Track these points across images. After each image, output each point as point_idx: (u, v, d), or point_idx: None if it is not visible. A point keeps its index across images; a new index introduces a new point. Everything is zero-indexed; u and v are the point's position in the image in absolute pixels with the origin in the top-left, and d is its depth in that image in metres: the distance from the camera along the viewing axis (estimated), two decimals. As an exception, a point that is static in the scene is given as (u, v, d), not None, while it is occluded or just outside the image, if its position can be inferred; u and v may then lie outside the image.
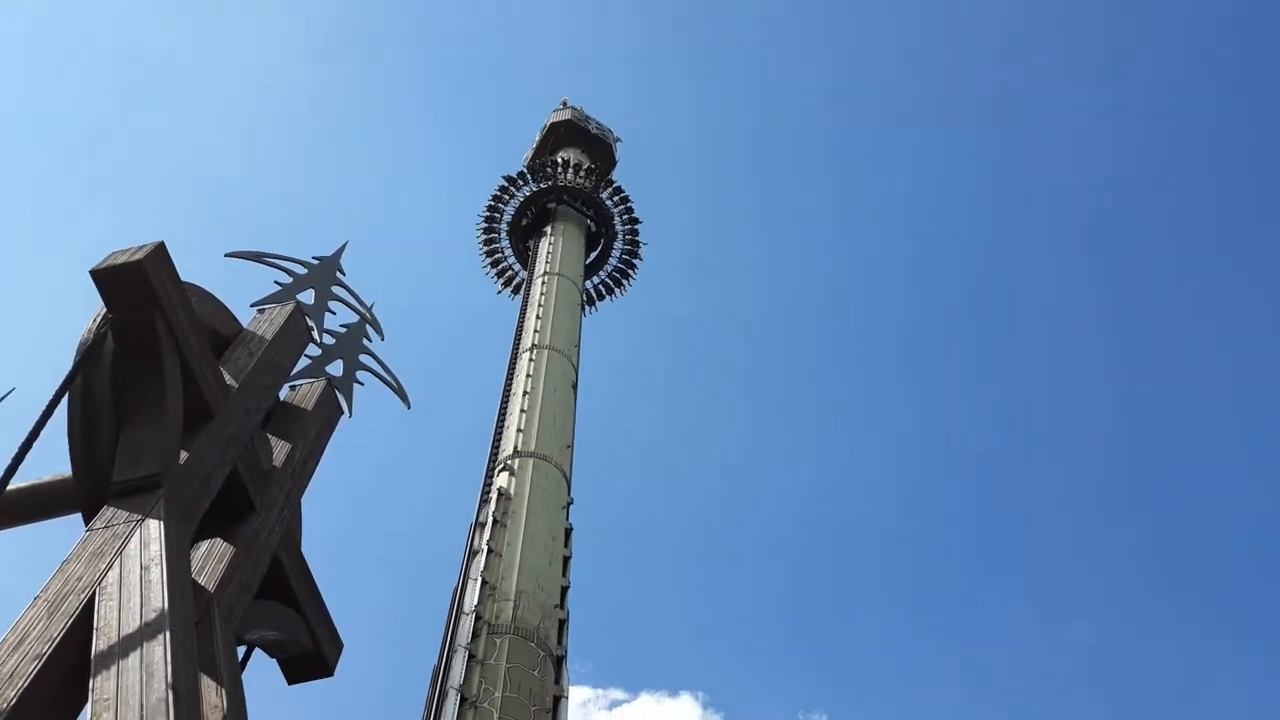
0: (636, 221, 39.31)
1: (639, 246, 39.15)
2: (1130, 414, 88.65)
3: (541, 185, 37.71)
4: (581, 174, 38.16)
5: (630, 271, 39.08)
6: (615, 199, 38.87)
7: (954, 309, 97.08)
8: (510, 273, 38.57)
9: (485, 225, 38.67)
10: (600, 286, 38.66)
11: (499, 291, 38.71)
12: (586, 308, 35.02)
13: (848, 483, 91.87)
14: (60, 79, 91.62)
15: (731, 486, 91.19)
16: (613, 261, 38.82)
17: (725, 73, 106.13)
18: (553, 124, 42.86)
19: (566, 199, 37.30)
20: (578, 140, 42.07)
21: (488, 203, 38.59)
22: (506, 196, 38.24)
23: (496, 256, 38.64)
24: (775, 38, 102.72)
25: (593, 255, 38.10)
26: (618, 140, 43.39)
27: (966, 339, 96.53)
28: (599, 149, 42.01)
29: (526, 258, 37.13)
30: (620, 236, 38.80)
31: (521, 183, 38.38)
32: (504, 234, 38.48)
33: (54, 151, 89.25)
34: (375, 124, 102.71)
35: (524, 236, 38.09)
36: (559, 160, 38.94)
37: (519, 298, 33.42)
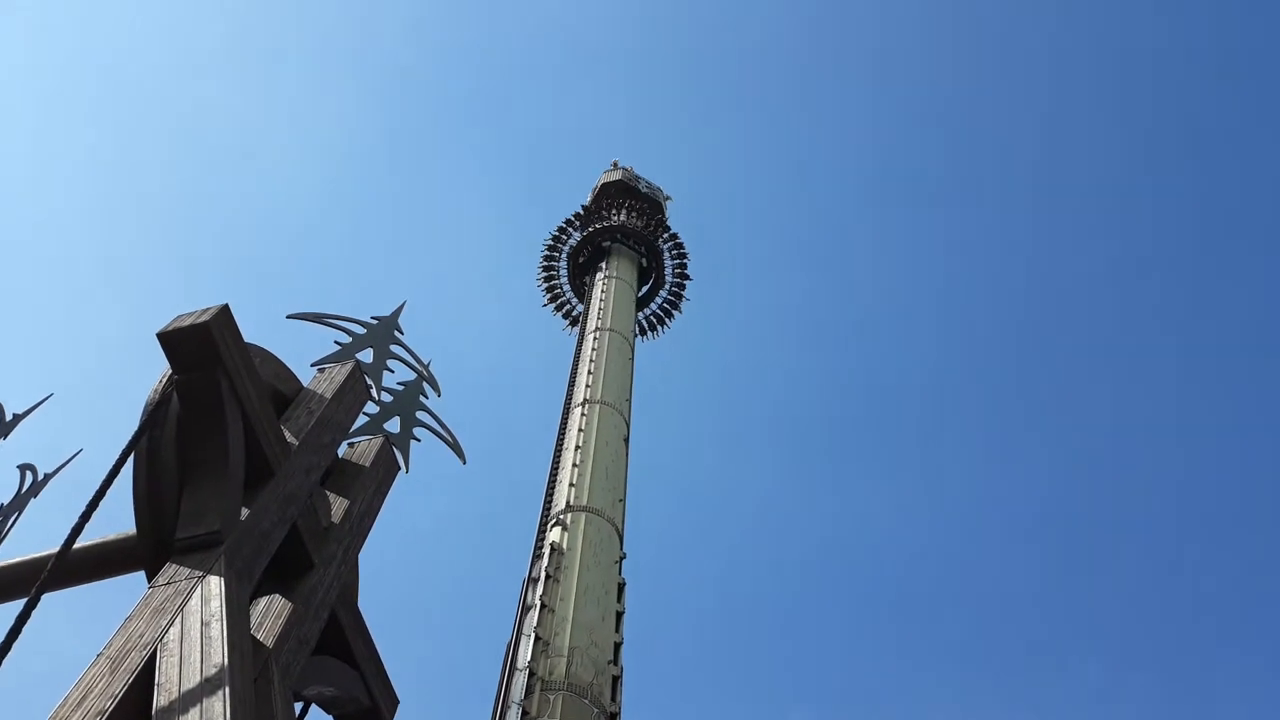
0: (685, 277, 40.60)
1: (680, 299, 40.62)
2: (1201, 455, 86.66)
3: (597, 226, 39.97)
4: (635, 214, 40.25)
5: (668, 320, 40.64)
6: (672, 249, 40.58)
7: (1019, 350, 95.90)
8: (561, 296, 41.24)
9: (546, 260, 41.06)
10: (638, 324, 39.74)
11: (542, 302, 41.50)
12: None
13: (912, 534, 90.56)
14: (125, 142, 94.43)
15: (791, 539, 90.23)
16: (652, 306, 40.37)
17: (781, 118, 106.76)
18: (604, 184, 43.53)
19: (620, 237, 39.23)
20: (629, 200, 42.85)
21: (551, 234, 41.57)
22: (571, 230, 40.70)
23: (553, 285, 41.09)
24: (830, 89, 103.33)
25: (644, 289, 39.77)
26: (668, 199, 44.00)
27: (1031, 379, 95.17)
28: (650, 208, 42.62)
29: (582, 292, 39.57)
30: (667, 285, 40.46)
31: (571, 230, 40.84)
32: (563, 267, 40.81)
33: (120, 216, 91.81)
34: (429, 191, 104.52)
35: (580, 273, 40.47)
36: (618, 202, 41.02)
37: (573, 341, 34.27)
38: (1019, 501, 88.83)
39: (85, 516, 9.06)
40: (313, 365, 13.05)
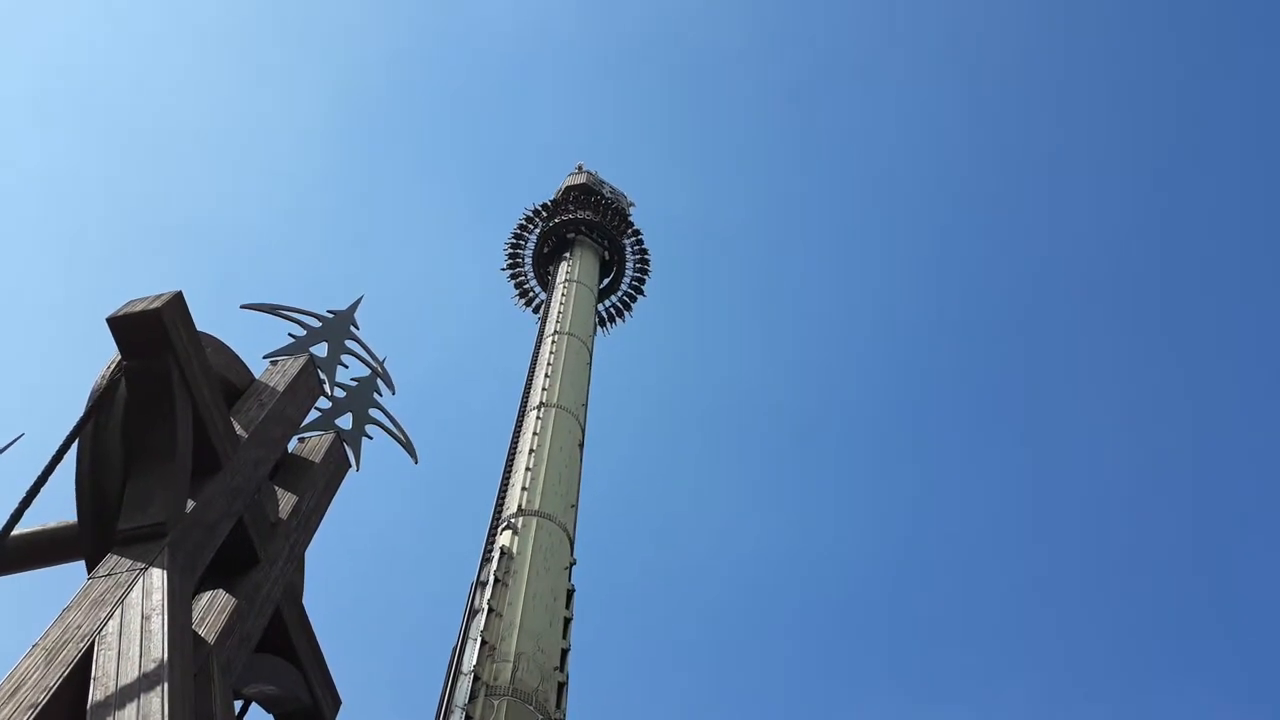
0: (640, 291, 41.56)
1: (636, 301, 41.58)
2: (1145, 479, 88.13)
3: (563, 218, 40.65)
4: (600, 211, 41.10)
5: (624, 315, 41.42)
6: (635, 258, 41.39)
7: (970, 375, 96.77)
8: (520, 267, 41.73)
9: (511, 249, 41.82)
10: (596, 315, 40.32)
11: (501, 266, 42.34)
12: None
13: (854, 555, 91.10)
14: (85, 139, 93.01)
15: (740, 557, 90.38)
16: (611, 300, 41.14)
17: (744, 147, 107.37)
18: (568, 187, 43.53)
19: (585, 230, 39.73)
20: (593, 199, 43.07)
21: (519, 221, 42.86)
22: (533, 226, 41.29)
23: (516, 258, 42.15)
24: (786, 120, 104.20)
25: (604, 281, 40.37)
26: (631, 204, 44.14)
27: (978, 409, 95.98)
28: (613, 213, 42.72)
29: (544, 279, 40.46)
30: (623, 287, 41.49)
31: (533, 226, 41.91)
32: (530, 244, 41.89)
33: (75, 204, 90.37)
34: (390, 189, 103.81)
35: (544, 262, 41.24)
36: (583, 200, 41.66)
37: (533, 342, 34.19)
38: (961, 518, 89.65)
39: (25, 503, 8.84)
40: (265, 357, 12.87)
